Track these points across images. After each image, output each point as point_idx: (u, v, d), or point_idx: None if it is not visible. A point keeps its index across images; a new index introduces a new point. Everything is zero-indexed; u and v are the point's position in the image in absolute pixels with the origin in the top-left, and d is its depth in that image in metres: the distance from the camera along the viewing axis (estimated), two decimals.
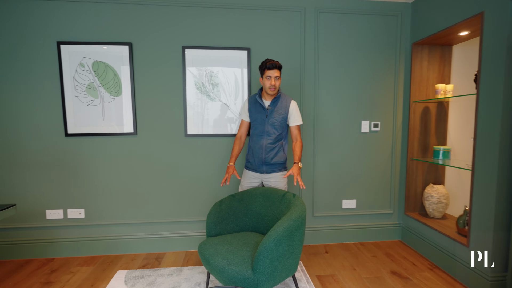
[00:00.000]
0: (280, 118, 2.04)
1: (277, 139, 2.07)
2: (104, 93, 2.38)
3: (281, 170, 2.11)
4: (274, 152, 2.07)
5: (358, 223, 2.71)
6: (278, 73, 1.96)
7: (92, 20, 2.33)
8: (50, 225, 2.43)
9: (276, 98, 2.05)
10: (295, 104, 2.07)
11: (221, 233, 1.93)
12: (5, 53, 2.28)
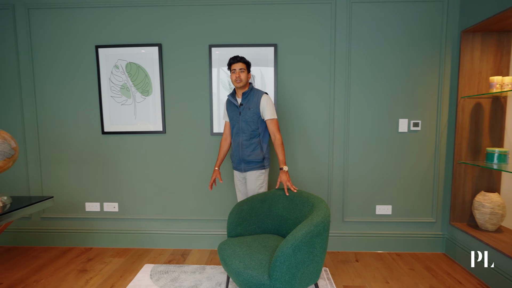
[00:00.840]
0: (251, 113, 1.99)
1: (252, 135, 2.01)
2: (136, 93, 2.48)
3: (258, 168, 2.04)
4: (250, 150, 2.01)
5: (394, 231, 2.47)
6: (242, 66, 1.95)
7: (126, 24, 2.44)
8: (89, 216, 2.62)
9: (247, 93, 2.01)
10: (266, 98, 1.98)
11: (242, 234, 1.88)
12: (50, 58, 2.50)
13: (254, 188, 2.04)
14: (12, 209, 1.58)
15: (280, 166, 1.94)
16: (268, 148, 2.08)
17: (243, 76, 1.96)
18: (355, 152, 2.43)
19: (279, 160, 1.96)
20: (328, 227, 1.52)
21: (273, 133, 1.98)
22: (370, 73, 2.37)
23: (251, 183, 2.04)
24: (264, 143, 2.06)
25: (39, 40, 2.50)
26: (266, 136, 2.07)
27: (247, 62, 1.99)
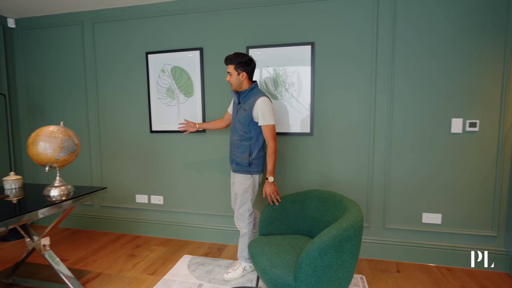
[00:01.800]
0: (245, 114, 1.90)
1: (243, 138, 1.93)
2: (179, 95, 2.67)
3: (243, 172, 1.95)
4: (239, 151, 1.95)
5: (444, 242, 2.23)
6: (230, 68, 1.89)
7: (171, 30, 2.63)
8: (138, 207, 2.89)
9: (246, 93, 1.94)
10: (261, 101, 1.84)
11: (273, 233, 1.90)
12: (110, 64, 2.83)
13: (238, 192, 1.98)
14: (74, 196, 1.83)
15: (266, 176, 1.88)
16: (260, 154, 1.95)
17: (233, 79, 1.91)
18: (398, 154, 2.26)
19: (267, 169, 1.87)
20: (360, 232, 1.45)
21: (266, 139, 1.89)
22: (418, 68, 2.17)
23: (237, 186, 1.99)
24: (255, 148, 1.93)
25: (101, 49, 2.84)
26: (260, 142, 1.94)
27: (237, 62, 1.87)
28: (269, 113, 1.86)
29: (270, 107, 1.87)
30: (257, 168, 1.97)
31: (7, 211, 1.54)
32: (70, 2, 2.63)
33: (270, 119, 1.86)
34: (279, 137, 2.47)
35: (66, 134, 1.84)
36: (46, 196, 1.82)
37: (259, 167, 1.97)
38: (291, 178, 2.48)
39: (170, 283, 1.99)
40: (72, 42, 2.91)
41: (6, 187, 2.02)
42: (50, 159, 1.77)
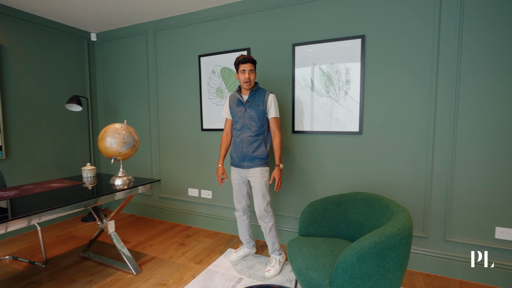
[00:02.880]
0: (258, 110, 2.04)
1: (258, 132, 2.05)
2: (227, 95, 2.77)
3: (262, 165, 2.06)
4: (255, 146, 2.05)
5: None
6: (251, 67, 2.00)
7: (220, 33, 2.76)
8: (190, 200, 3.11)
9: (254, 91, 2.06)
10: (272, 97, 2.05)
11: (313, 235, 1.84)
12: (168, 67, 3.10)
13: (261, 186, 2.05)
14: (133, 186, 2.07)
15: (277, 163, 2.04)
16: (266, 146, 2.09)
17: (253, 77, 2.02)
18: (464, 158, 1.96)
19: (277, 157, 2.04)
20: (407, 241, 1.31)
21: (274, 131, 2.06)
22: (491, 66, 1.85)
23: (258, 180, 2.05)
24: (268, 141, 2.11)
25: (161, 55, 3.13)
26: (270, 134, 2.11)
27: (255, 61, 2.03)
28: (277, 107, 2.11)
29: (277, 102, 2.12)
30: (264, 161, 2.09)
31: (82, 195, 1.82)
32: (138, 14, 2.96)
33: (278, 112, 2.10)
34: (327, 136, 2.38)
35: (128, 131, 2.09)
36: (112, 185, 2.09)
37: (265, 160, 2.10)
38: (335, 179, 2.37)
39: (213, 273, 2.09)
40: (138, 49, 3.27)
41: (84, 176, 2.38)
42: (114, 153, 2.03)
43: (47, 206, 1.58)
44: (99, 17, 3.03)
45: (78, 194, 1.85)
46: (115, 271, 2.15)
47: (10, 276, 2.09)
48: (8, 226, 1.40)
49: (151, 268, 2.20)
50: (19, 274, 2.13)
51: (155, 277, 2.07)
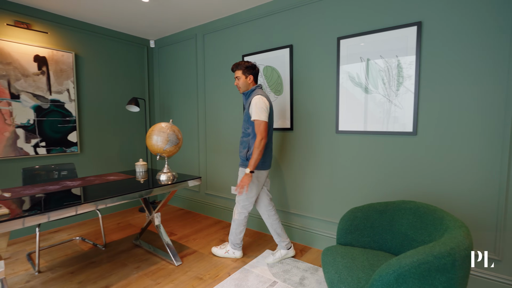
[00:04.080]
0: (246, 113, 2.10)
1: (244, 134, 2.12)
2: (270, 93, 2.74)
3: (243, 166, 2.14)
4: (242, 147, 2.14)
5: None
6: (238, 73, 2.11)
7: (263, 31, 2.73)
8: (233, 198, 3.16)
9: (246, 95, 2.13)
10: (256, 99, 1.99)
11: (352, 244, 1.68)
12: (214, 68, 3.20)
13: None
14: (176, 182, 2.18)
15: (247, 167, 2.00)
16: (248, 149, 2.09)
17: (240, 83, 2.12)
18: None
19: (249, 163, 1.99)
20: (464, 264, 1.09)
21: (255, 134, 2.00)
22: None
23: (238, 179, 2.15)
24: (253, 144, 2.05)
25: (209, 56, 3.26)
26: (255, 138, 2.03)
27: (245, 67, 2.08)
28: (261, 110, 1.96)
29: (263, 105, 1.97)
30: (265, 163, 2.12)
31: (131, 187, 1.99)
32: (189, 19, 3.13)
33: (262, 116, 1.97)
34: (375, 136, 2.17)
35: (172, 130, 2.22)
36: (158, 180, 2.25)
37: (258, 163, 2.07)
38: (380, 184, 2.13)
39: (248, 273, 2.08)
40: (189, 53, 3.46)
41: (137, 170, 2.61)
42: (159, 150, 2.18)
43: (101, 196, 1.77)
44: (156, 25, 3.30)
45: (127, 186, 2.03)
46: (160, 260, 2.30)
47: (78, 255, 2.41)
48: (78, 210, 1.61)
49: (191, 261, 2.30)
50: (84, 253, 2.44)
51: (194, 270, 2.15)
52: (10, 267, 2.21)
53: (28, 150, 2.81)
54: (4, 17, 2.63)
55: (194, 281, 2.00)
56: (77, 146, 3.17)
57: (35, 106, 2.84)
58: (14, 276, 2.08)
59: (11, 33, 2.68)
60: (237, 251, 2.32)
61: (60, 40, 3.02)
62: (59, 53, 2.99)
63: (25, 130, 2.79)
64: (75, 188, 2.00)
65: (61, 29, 3.02)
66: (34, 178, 2.39)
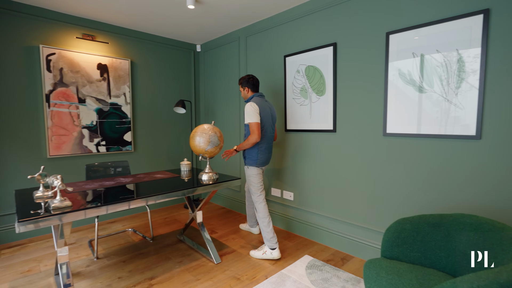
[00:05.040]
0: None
1: (246, 136, 2.46)
2: (312, 94, 2.66)
3: (249, 164, 2.45)
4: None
5: None
6: (240, 87, 2.57)
7: (305, 30, 2.66)
8: (273, 200, 3.14)
9: (246, 102, 2.55)
10: (246, 107, 2.35)
11: (399, 258, 1.54)
12: (255, 71, 3.22)
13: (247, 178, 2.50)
14: (216, 182, 2.24)
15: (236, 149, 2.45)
16: (252, 150, 2.40)
17: (242, 94, 2.57)
18: None
19: (240, 145, 2.41)
20: None
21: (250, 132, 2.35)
22: None
23: (246, 177, 2.51)
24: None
25: (251, 58, 3.29)
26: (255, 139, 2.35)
27: (240, 82, 2.53)
28: (251, 113, 2.31)
29: (252, 109, 2.31)
30: (250, 161, 2.43)
31: (174, 185, 2.11)
32: (232, 23, 3.20)
33: (252, 118, 2.31)
34: (428, 139, 1.96)
35: (213, 131, 2.28)
36: (199, 179, 2.33)
37: (251, 161, 2.42)
38: (432, 193, 1.90)
39: (285, 278, 2.04)
40: (232, 55, 3.54)
41: (181, 169, 2.75)
42: (202, 151, 2.26)
43: (149, 192, 1.90)
44: (202, 30, 3.44)
45: (173, 184, 2.15)
46: (200, 257, 2.39)
47: (129, 245, 2.63)
48: (130, 204, 1.76)
49: (230, 260, 2.34)
50: (135, 244, 2.65)
51: (232, 270, 2.18)
52: (75, 252, 2.50)
53: (91, 148, 3.16)
54: (74, 31, 2.99)
55: (231, 281, 2.03)
56: (131, 145, 3.46)
57: (97, 109, 3.18)
58: (78, 260, 2.35)
59: (79, 44, 3.04)
60: (274, 251, 2.33)
61: (118, 49, 3.33)
62: (117, 61, 3.30)
63: (89, 130, 3.14)
64: (127, 184, 2.18)
65: (119, 39, 3.32)
66: (94, 174, 2.68)
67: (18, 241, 2.75)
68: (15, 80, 2.68)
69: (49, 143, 2.88)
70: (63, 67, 2.92)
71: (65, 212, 1.53)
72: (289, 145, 2.92)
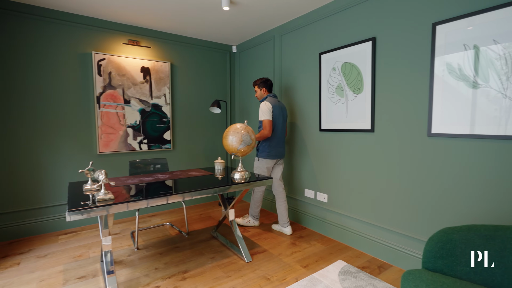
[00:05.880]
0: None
1: (259, 130, 2.80)
2: (348, 92, 2.54)
3: (259, 156, 2.83)
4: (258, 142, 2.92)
5: None
6: (255, 88, 2.94)
7: (342, 26, 2.55)
8: (306, 201, 3.08)
9: (261, 102, 2.83)
10: (261, 105, 2.72)
11: (443, 271, 1.39)
12: (290, 67, 3.17)
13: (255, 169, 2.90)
14: (248, 181, 2.26)
15: None
16: (265, 143, 2.78)
17: (258, 94, 2.94)
18: None
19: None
20: None
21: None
22: None
23: (254, 168, 2.90)
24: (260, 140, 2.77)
25: (285, 57, 3.26)
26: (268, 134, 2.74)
27: (258, 83, 2.89)
28: (265, 112, 2.69)
29: (266, 108, 2.69)
30: (262, 154, 2.81)
31: (209, 183, 2.16)
32: (267, 22, 3.20)
33: (266, 116, 2.69)
34: (481, 141, 1.75)
35: (246, 130, 2.30)
36: (232, 178, 2.37)
37: (263, 153, 2.80)
38: (485, 201, 1.69)
39: (316, 282, 1.98)
40: (267, 55, 3.54)
41: (215, 167, 2.82)
42: (234, 150, 2.29)
43: (185, 189, 1.98)
44: (237, 31, 3.49)
45: (207, 182, 2.21)
46: (232, 254, 2.43)
47: (166, 238, 2.77)
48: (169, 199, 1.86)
49: (260, 259, 2.34)
50: (171, 238, 2.78)
51: (262, 269, 2.18)
52: (119, 242, 2.71)
53: (135, 146, 3.39)
54: (121, 38, 3.24)
55: (261, 281, 2.03)
56: (170, 144, 3.65)
57: (140, 109, 3.40)
58: (121, 249, 2.54)
59: (125, 50, 3.28)
60: (256, 221, 3.06)
61: (159, 52, 3.52)
62: (158, 64, 3.49)
63: (133, 129, 3.37)
64: (165, 180, 2.30)
65: (160, 43, 3.52)
66: (135, 170, 2.87)
67: (72, 228, 3.06)
68: (72, 84, 2.99)
69: (99, 141, 3.15)
70: (111, 71, 3.18)
71: (108, 204, 1.65)
72: (323, 146, 2.82)
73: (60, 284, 2.00)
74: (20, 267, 2.24)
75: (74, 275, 2.11)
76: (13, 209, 2.77)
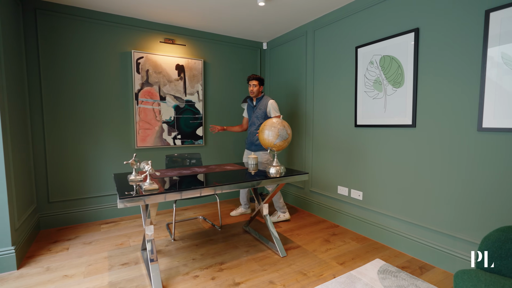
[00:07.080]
0: (261, 112, 3.01)
1: (259, 127, 2.87)
2: (387, 86, 2.45)
3: (263, 150, 3.03)
4: (256, 138, 3.03)
5: None
6: (255, 82, 2.98)
7: (381, 18, 2.46)
8: (339, 198, 3.02)
9: (259, 99, 3.05)
10: (271, 102, 2.97)
11: (502, 273, 1.31)
12: (324, 62, 3.12)
13: (264, 162, 2.99)
14: (283, 176, 2.25)
15: None
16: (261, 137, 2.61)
17: (255, 90, 2.99)
18: None
19: None
20: None
21: None
22: None
23: (262, 159, 3.02)
24: None
25: (318, 52, 3.21)
26: None
27: (259, 79, 2.98)
28: (277, 109, 2.98)
29: (277, 105, 3.01)
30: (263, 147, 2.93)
31: (244, 177, 2.19)
32: (299, 17, 3.17)
33: (278, 112, 2.97)
34: None
35: (282, 125, 2.29)
36: (267, 173, 2.38)
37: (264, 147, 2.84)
38: None
39: (355, 280, 1.94)
40: (299, 51, 3.51)
41: (249, 162, 2.84)
42: (270, 144, 2.29)
43: (222, 181, 2.02)
44: (269, 28, 3.50)
45: (241, 176, 2.24)
46: (266, 249, 2.44)
47: (200, 231, 2.84)
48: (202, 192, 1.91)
49: (295, 255, 2.33)
50: (205, 231, 2.85)
51: (297, 265, 2.17)
52: (156, 233, 2.82)
53: (169, 141, 3.51)
54: (158, 37, 3.36)
55: (298, 275, 2.02)
56: (202, 139, 3.73)
57: (175, 106, 3.51)
58: (158, 240, 2.64)
59: (162, 48, 3.40)
60: (286, 213, 3.17)
61: (193, 50, 3.61)
62: (192, 61, 3.58)
63: (168, 125, 3.49)
64: (203, 173, 2.36)
65: (194, 41, 3.61)
66: (172, 164, 2.96)
67: (113, 218, 3.23)
68: (113, 81, 3.15)
69: (137, 136, 3.29)
70: (149, 68, 3.31)
71: (154, 193, 1.72)
72: (359, 141, 2.75)
73: (106, 269, 2.12)
74: (69, 252, 2.40)
75: (117, 262, 2.23)
76: (62, 199, 2.98)
